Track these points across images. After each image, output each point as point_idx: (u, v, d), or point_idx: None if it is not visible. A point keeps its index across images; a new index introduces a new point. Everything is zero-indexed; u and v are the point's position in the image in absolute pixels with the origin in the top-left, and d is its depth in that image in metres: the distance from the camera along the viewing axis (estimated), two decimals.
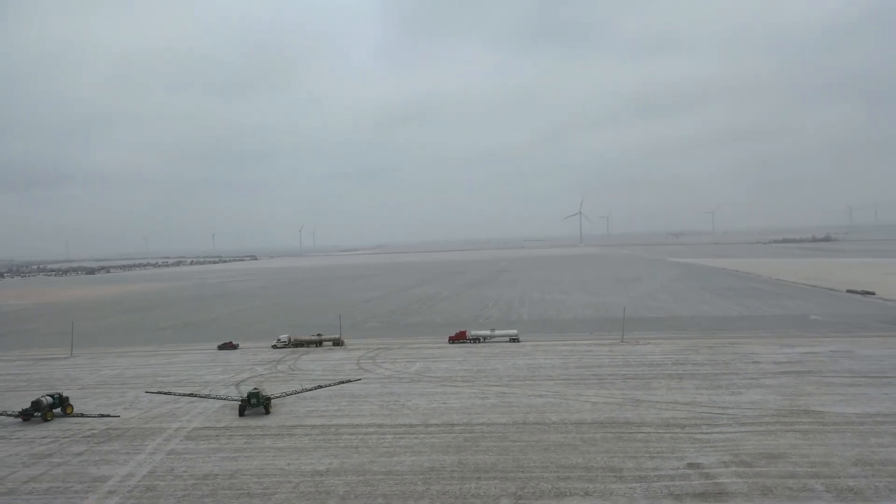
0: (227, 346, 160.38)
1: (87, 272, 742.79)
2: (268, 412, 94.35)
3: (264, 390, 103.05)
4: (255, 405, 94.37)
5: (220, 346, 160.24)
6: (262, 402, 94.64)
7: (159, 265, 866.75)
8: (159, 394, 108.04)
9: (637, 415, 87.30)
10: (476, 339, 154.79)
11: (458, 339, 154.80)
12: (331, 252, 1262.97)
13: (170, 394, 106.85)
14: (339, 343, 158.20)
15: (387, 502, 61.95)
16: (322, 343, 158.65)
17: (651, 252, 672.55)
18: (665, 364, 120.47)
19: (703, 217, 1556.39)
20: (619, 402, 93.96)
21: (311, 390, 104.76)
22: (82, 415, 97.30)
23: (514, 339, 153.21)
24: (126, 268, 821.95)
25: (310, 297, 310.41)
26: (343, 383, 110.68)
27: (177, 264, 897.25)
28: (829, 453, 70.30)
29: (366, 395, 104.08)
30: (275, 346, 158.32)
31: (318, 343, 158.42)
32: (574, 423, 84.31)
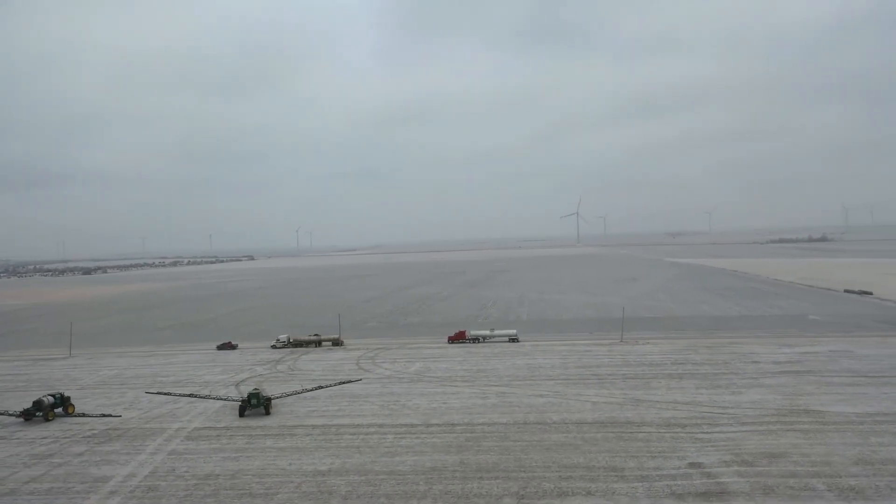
0: (226, 346, 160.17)
1: (83, 272, 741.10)
2: (268, 413, 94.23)
3: (264, 391, 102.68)
4: (255, 406, 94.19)
5: (219, 347, 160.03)
6: (262, 403, 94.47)
7: (156, 265, 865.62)
8: (159, 394, 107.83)
9: (638, 414, 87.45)
10: (475, 339, 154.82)
11: (458, 339, 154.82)
12: (328, 252, 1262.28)
13: (170, 394, 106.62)
14: (338, 343, 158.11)
15: (389, 502, 61.91)
16: (321, 343, 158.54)
17: (648, 252, 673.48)
18: (664, 364, 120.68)
19: (700, 217, 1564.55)
20: (619, 402, 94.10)
21: (311, 391, 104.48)
22: (84, 414, 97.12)
23: (514, 339, 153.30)
24: (123, 268, 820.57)
25: (308, 297, 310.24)
26: (343, 383, 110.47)
27: (174, 264, 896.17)
28: (830, 453, 70.49)
29: (366, 395, 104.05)
30: (274, 347, 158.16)
31: (317, 343, 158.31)
32: (575, 423, 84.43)
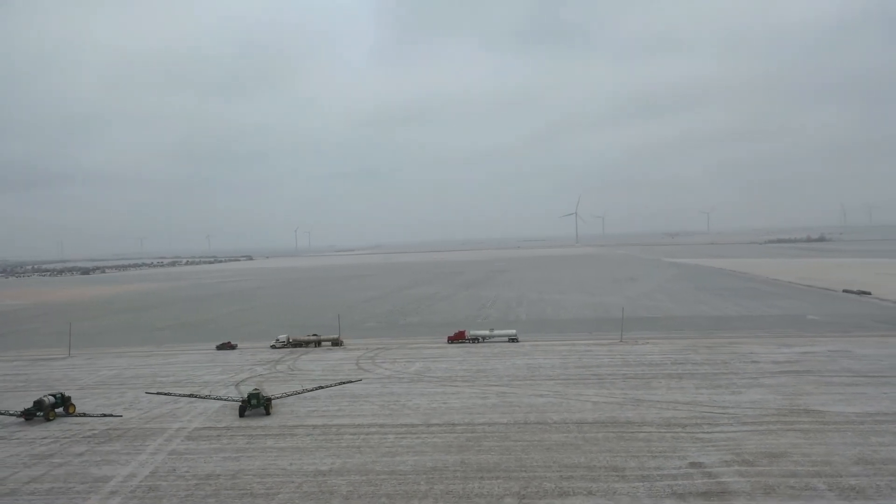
0: (226, 346, 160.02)
1: (81, 272, 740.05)
2: (268, 413, 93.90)
3: (264, 391, 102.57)
4: (255, 406, 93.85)
5: (219, 347, 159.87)
6: (262, 403, 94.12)
7: (154, 265, 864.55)
8: (159, 394, 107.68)
9: (638, 414, 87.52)
10: (475, 339, 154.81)
11: (457, 339, 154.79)
12: (326, 252, 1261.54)
13: (170, 394, 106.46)
14: (337, 343, 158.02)
15: (391, 502, 61.91)
16: (321, 343, 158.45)
17: (647, 252, 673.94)
18: (664, 364, 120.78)
19: (698, 217, 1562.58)
20: (619, 402, 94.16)
21: (311, 391, 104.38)
22: (85, 414, 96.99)
23: (513, 339, 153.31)
24: (121, 268, 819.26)
25: (307, 297, 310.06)
26: (344, 384, 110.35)
27: (172, 264, 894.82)
28: (831, 452, 70.61)
29: (366, 395, 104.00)
30: (273, 347, 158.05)
31: (316, 343, 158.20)
32: (575, 423, 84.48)
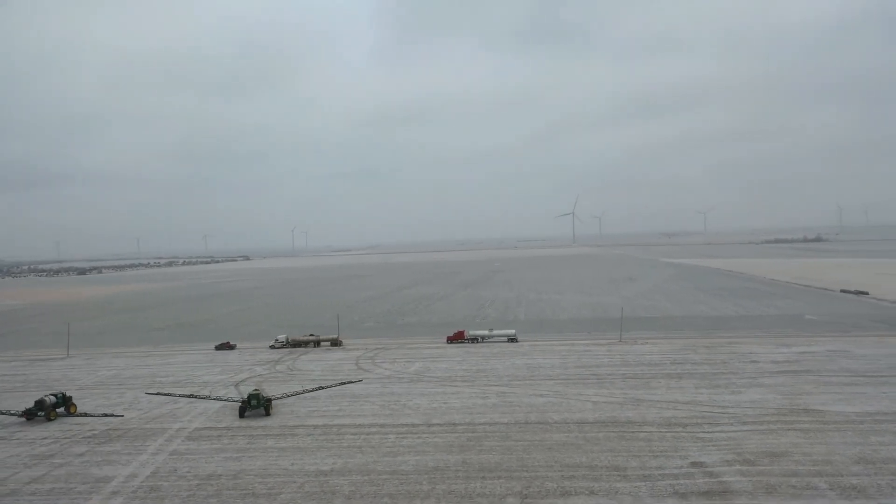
0: (225, 346, 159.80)
1: (78, 272, 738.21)
2: (268, 414, 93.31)
3: (264, 391, 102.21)
4: (255, 407, 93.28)
5: (218, 347, 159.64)
6: (262, 404, 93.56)
7: (151, 265, 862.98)
8: (159, 394, 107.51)
9: (638, 414, 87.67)
10: (474, 339, 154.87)
11: (457, 338, 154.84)
12: (324, 252, 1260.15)
13: (170, 395, 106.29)
14: (337, 343, 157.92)
15: (393, 502, 61.91)
16: (320, 343, 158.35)
17: (644, 252, 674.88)
18: (663, 364, 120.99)
19: (695, 217, 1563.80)
20: (619, 402, 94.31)
21: (312, 391, 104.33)
22: (86, 414, 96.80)
23: (513, 339, 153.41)
24: (118, 268, 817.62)
25: (305, 297, 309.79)
26: (344, 384, 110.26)
27: (169, 265, 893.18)
28: (831, 452, 70.81)
29: (366, 395, 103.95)
30: (273, 347, 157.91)
31: (316, 343, 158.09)
32: (576, 423, 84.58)
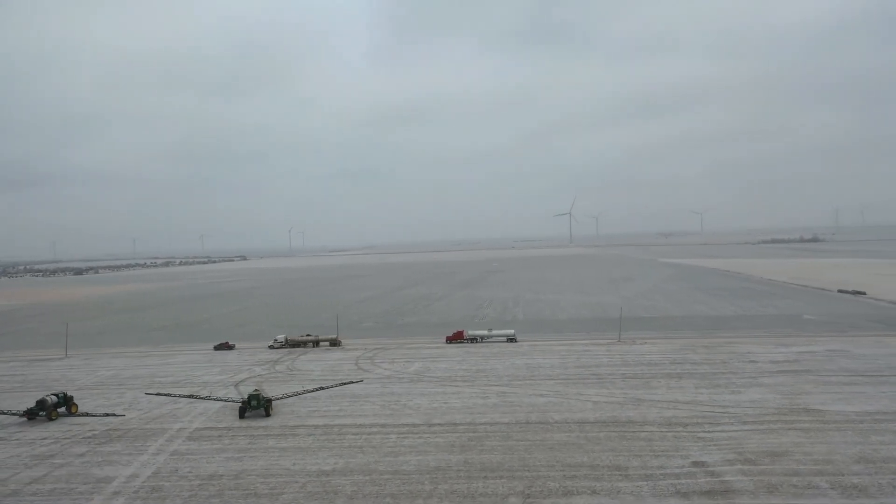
0: (224, 346, 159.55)
1: (74, 273, 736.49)
2: (268, 414, 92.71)
3: (265, 391, 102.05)
4: (255, 407, 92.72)
5: (217, 347, 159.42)
6: (262, 405, 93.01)
7: (148, 266, 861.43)
8: (159, 395, 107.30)
9: (639, 414, 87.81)
10: (473, 339, 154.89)
11: (456, 338, 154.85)
12: (320, 253, 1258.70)
13: (170, 395, 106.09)
14: (336, 343, 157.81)
15: (395, 502, 61.90)
16: (319, 343, 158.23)
17: (641, 252, 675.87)
18: (663, 363, 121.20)
19: (692, 217, 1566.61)
20: (620, 402, 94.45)
21: (312, 391, 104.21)
22: (88, 414, 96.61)
23: (512, 339, 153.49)
24: (114, 268, 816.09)
25: (303, 297, 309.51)
26: (345, 384, 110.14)
27: (166, 265, 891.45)
28: (832, 451, 71.01)
29: (366, 395, 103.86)
30: (271, 347, 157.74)
31: (315, 343, 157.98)
32: (577, 423, 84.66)
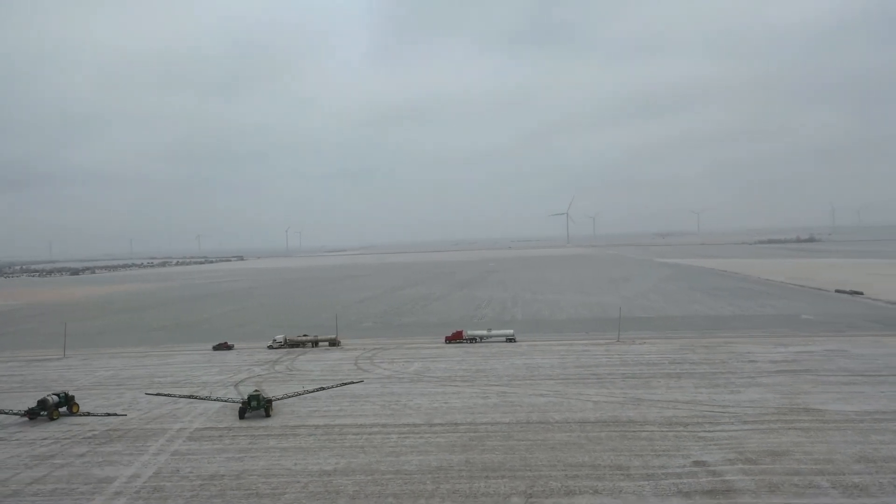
0: (223, 346, 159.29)
1: (71, 273, 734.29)
2: (268, 415, 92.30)
3: (265, 392, 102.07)
4: (255, 408, 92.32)
5: (215, 347, 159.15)
6: (262, 405, 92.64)
7: (145, 266, 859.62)
8: (158, 395, 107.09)
9: (639, 413, 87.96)
10: (473, 339, 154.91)
11: (455, 338, 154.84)
12: (317, 253, 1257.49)
13: (170, 395, 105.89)
14: (335, 343, 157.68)
15: (397, 501, 61.94)
16: (318, 343, 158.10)
17: (638, 252, 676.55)
18: (662, 363, 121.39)
19: (689, 218, 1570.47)
20: (620, 401, 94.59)
21: (313, 392, 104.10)
22: (89, 413, 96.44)
23: (511, 339, 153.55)
24: (111, 268, 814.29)
25: (301, 297, 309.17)
26: (345, 384, 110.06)
27: (163, 265, 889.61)
28: (832, 451, 71.25)
29: (367, 395, 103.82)
30: (271, 347, 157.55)
31: (314, 343, 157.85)
32: (578, 422, 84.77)
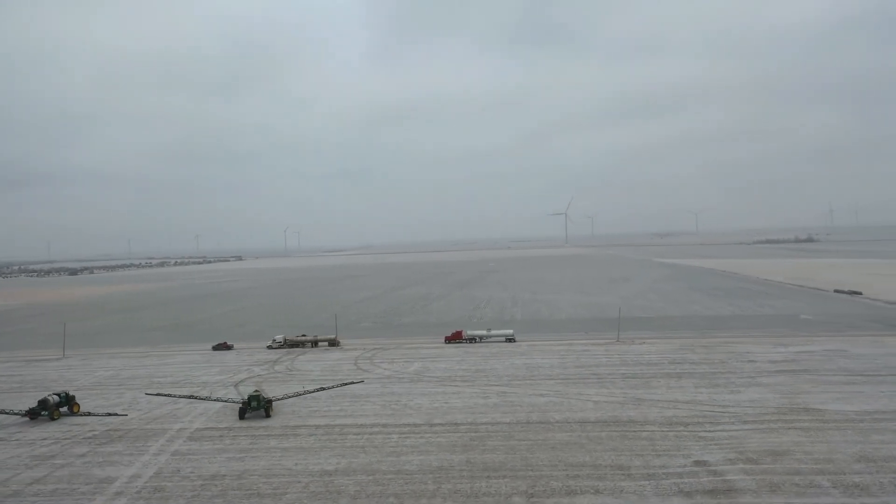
0: (222, 346, 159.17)
1: (69, 273, 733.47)
2: (268, 415, 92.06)
3: (265, 392, 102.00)
4: (255, 408, 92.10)
5: (215, 347, 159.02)
6: (262, 405, 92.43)
7: (143, 266, 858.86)
8: (159, 395, 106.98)
9: (640, 413, 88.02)
10: (472, 339, 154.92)
11: (455, 338, 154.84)
12: (316, 253, 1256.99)
13: (170, 395, 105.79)
14: (334, 343, 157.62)
15: (399, 501, 61.94)
16: (317, 343, 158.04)
17: (637, 253, 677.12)
18: (662, 363, 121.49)
19: (687, 218, 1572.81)
20: (620, 401, 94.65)
21: (313, 392, 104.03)
22: (90, 413, 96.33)
23: (511, 339, 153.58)
24: (110, 268, 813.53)
25: (300, 297, 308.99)
26: (346, 384, 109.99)
27: (161, 265, 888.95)
28: (832, 450, 71.33)
29: (367, 395, 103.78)
30: (270, 347, 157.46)
31: (313, 343, 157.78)
32: (578, 422, 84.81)
